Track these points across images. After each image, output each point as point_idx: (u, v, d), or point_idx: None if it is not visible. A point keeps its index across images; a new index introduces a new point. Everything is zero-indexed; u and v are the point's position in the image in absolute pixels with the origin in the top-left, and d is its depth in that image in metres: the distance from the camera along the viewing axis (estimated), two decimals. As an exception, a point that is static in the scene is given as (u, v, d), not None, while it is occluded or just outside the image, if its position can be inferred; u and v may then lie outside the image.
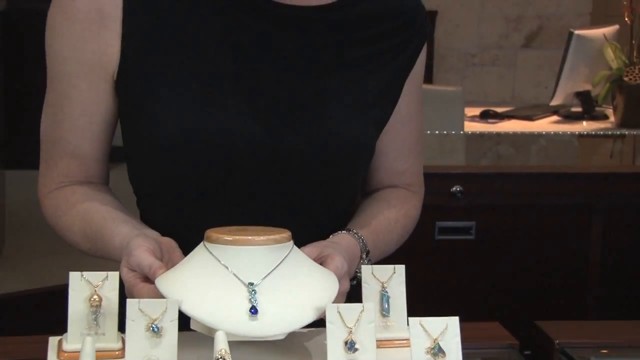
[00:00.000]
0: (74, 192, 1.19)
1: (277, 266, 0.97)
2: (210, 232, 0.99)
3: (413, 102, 1.26)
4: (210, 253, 0.98)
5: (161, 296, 0.94)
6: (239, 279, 0.96)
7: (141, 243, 1.03)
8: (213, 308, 0.94)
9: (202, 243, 1.00)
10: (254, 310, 0.93)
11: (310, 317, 0.96)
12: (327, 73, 1.17)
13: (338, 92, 1.17)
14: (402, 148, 1.27)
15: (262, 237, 0.97)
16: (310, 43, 1.17)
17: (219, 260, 0.97)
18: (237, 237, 0.97)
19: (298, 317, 0.96)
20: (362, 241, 1.16)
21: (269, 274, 0.96)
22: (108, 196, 1.20)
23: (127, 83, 1.14)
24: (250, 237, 0.97)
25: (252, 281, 0.95)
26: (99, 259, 1.17)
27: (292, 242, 1.01)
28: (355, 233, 1.16)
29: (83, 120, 1.17)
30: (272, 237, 0.98)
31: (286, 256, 0.98)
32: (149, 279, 1.00)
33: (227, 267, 0.96)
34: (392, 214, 1.24)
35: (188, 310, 0.94)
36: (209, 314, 0.94)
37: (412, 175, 1.30)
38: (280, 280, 0.97)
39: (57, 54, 1.16)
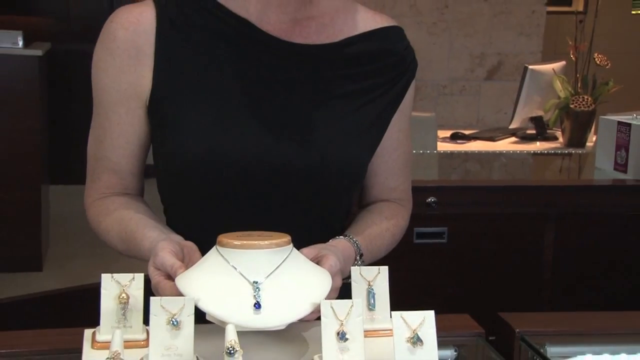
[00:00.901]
0: (113, 202, 1.19)
1: (278, 266, 0.97)
2: (221, 237, 0.99)
3: (402, 130, 1.26)
4: (221, 255, 0.98)
5: (181, 293, 0.94)
6: (245, 278, 0.95)
7: (165, 246, 1.03)
8: (223, 303, 0.94)
9: (214, 247, 1.00)
10: (257, 306, 0.93)
11: (307, 311, 0.96)
12: (327, 102, 1.16)
13: (337, 120, 1.16)
14: (394, 169, 1.27)
15: (265, 242, 0.97)
16: (313, 76, 1.17)
17: (228, 262, 0.97)
18: (244, 241, 0.97)
19: (296, 311, 0.95)
20: (357, 245, 1.16)
21: (271, 273, 0.96)
22: (142, 205, 1.20)
23: (157, 109, 1.14)
24: (255, 242, 0.97)
25: (256, 280, 0.95)
26: (129, 261, 1.17)
27: (291, 245, 1.00)
28: (351, 238, 1.16)
29: (121, 140, 1.17)
30: (274, 241, 0.98)
31: (286, 258, 0.98)
32: (171, 277, 1.00)
33: (235, 268, 0.96)
34: (384, 223, 1.24)
35: (202, 305, 0.93)
36: (219, 308, 0.93)
37: (401, 192, 1.30)
38: (281, 278, 0.96)
39: (100, 84, 1.16)
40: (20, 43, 4.07)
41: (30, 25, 4.99)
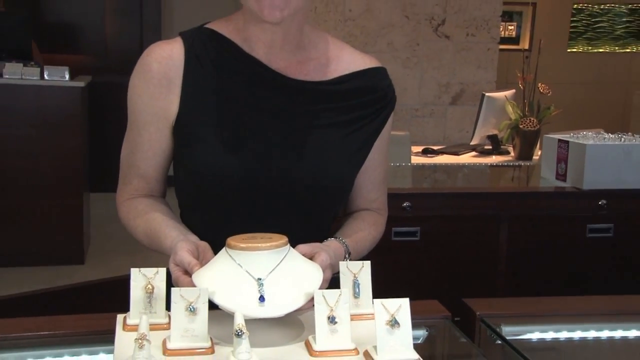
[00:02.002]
0: (140, 202, 1.19)
1: (277, 265, 0.96)
2: (229, 240, 0.98)
3: (382, 152, 1.25)
4: (230, 256, 0.97)
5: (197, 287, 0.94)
6: (250, 275, 0.95)
7: (184, 246, 1.03)
8: (232, 297, 0.93)
9: (224, 248, 0.99)
10: (262, 299, 0.93)
11: (302, 301, 0.95)
12: (322, 130, 1.16)
13: (329, 144, 1.15)
14: (374, 184, 1.26)
15: (266, 244, 0.97)
16: (311, 107, 1.16)
17: (235, 261, 0.96)
18: (249, 244, 0.96)
19: (294, 302, 0.95)
20: (346, 245, 1.15)
21: (272, 270, 0.96)
22: (164, 207, 1.20)
23: (181, 129, 1.14)
24: (258, 244, 0.96)
25: (260, 277, 0.94)
26: (155, 257, 1.15)
27: (289, 245, 0.99)
28: (341, 239, 1.16)
29: (150, 153, 1.17)
30: (274, 243, 0.97)
31: (284, 257, 0.98)
32: (188, 272, 0.99)
33: (241, 266, 0.95)
34: (368, 229, 1.23)
35: (214, 299, 0.93)
36: (230, 302, 0.93)
37: (380, 203, 1.29)
38: (280, 275, 0.96)
39: (135, 106, 1.16)
40: (67, 76, 4.08)
41: (75, 62, 5.01)
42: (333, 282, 1.05)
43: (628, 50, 6.81)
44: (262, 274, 0.95)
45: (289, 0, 1.06)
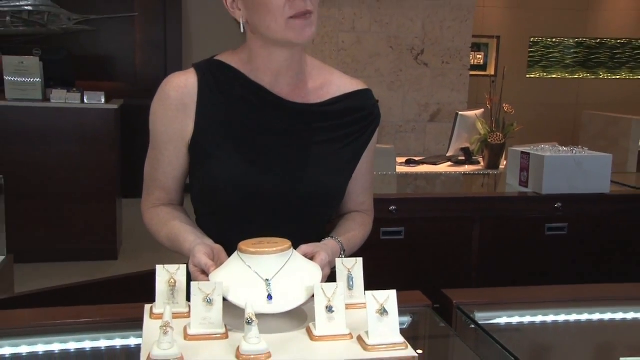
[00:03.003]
0: (162, 210, 1.18)
1: (282, 267, 0.95)
2: (241, 245, 0.97)
3: (369, 162, 1.24)
4: (241, 259, 0.96)
5: None
6: (259, 276, 0.94)
7: (200, 249, 1.02)
8: (243, 296, 0.92)
9: (236, 252, 0.98)
10: (270, 297, 0.92)
11: (305, 299, 0.94)
12: (318, 146, 1.14)
13: (325, 158, 1.14)
14: (363, 189, 1.25)
15: (273, 248, 0.95)
16: (308, 126, 1.14)
17: (246, 263, 0.95)
18: (257, 249, 0.95)
19: (297, 300, 0.94)
20: (341, 244, 1.13)
21: (278, 272, 0.94)
22: (182, 214, 1.18)
23: (196, 148, 1.12)
24: (265, 249, 0.95)
25: (267, 278, 0.93)
26: (177, 255, 1.14)
27: (292, 249, 0.98)
28: (336, 239, 1.14)
29: (169, 168, 1.16)
30: (279, 247, 0.96)
31: (288, 260, 0.97)
32: (205, 272, 0.98)
33: (250, 268, 0.94)
34: (357, 228, 1.22)
35: (228, 297, 0.92)
36: (240, 300, 0.91)
37: (368, 205, 1.28)
38: (285, 275, 0.95)
39: (155, 128, 1.15)
40: (103, 100, 4.12)
41: (109, 88, 5.02)
42: (330, 277, 1.04)
43: (576, 76, 6.89)
44: (269, 275, 0.94)
45: (314, 22, 1.05)
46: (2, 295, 2.31)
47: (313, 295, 0.92)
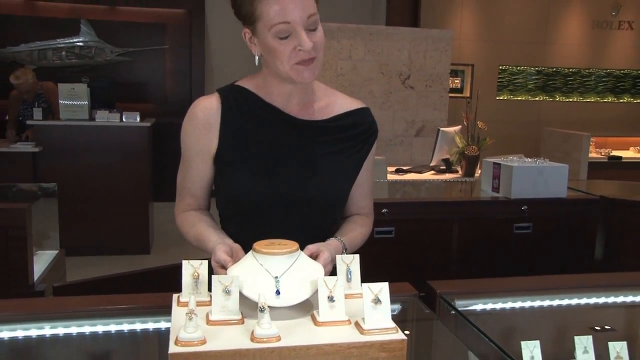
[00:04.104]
0: (191, 214, 1.17)
1: (290, 266, 0.94)
2: (255, 245, 0.96)
3: (369, 170, 1.22)
4: (255, 258, 0.95)
5: None
6: (269, 273, 0.93)
7: (221, 247, 1.01)
8: (255, 290, 0.90)
9: (251, 251, 0.97)
10: (278, 292, 0.91)
11: (309, 294, 0.93)
12: (324, 158, 1.13)
13: (331, 168, 1.13)
14: (363, 194, 1.23)
15: (282, 250, 0.94)
16: (316, 141, 1.13)
17: (258, 262, 0.94)
18: (269, 250, 0.94)
19: (301, 295, 0.93)
20: (343, 243, 1.12)
21: (286, 271, 0.93)
22: (208, 218, 1.17)
23: (220, 161, 1.12)
24: (276, 250, 0.94)
25: (276, 275, 0.92)
26: (200, 252, 1.13)
27: (299, 250, 0.97)
28: (339, 239, 1.12)
29: (197, 178, 1.15)
30: (288, 249, 0.95)
31: (295, 260, 0.95)
32: (224, 267, 0.97)
33: (262, 266, 0.93)
34: (358, 228, 1.20)
35: (242, 291, 0.91)
36: (254, 294, 0.90)
37: (368, 208, 1.26)
38: (292, 274, 0.93)
39: (185, 144, 1.14)
40: (138, 119, 4.15)
41: (144, 108, 5.03)
42: (331, 271, 1.03)
43: (537, 99, 6.98)
44: (278, 272, 0.93)
45: (316, 66, 1.05)
46: (56, 283, 2.33)
47: (316, 290, 0.90)
